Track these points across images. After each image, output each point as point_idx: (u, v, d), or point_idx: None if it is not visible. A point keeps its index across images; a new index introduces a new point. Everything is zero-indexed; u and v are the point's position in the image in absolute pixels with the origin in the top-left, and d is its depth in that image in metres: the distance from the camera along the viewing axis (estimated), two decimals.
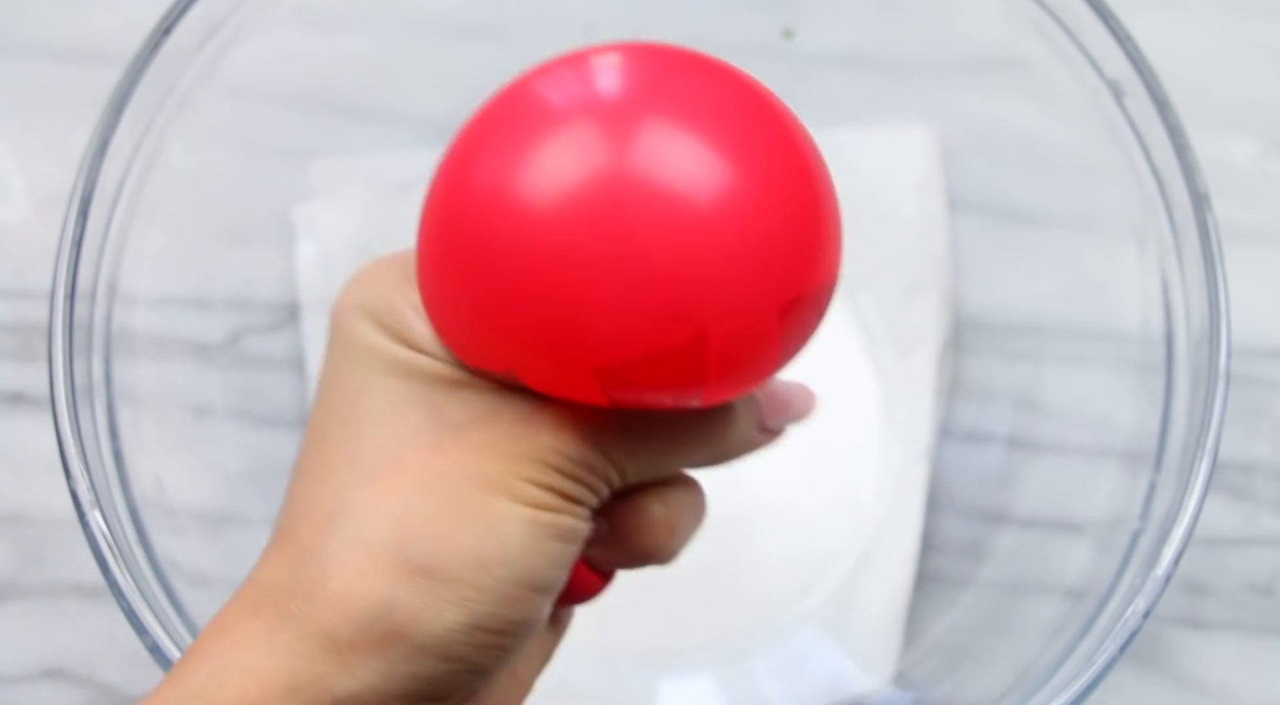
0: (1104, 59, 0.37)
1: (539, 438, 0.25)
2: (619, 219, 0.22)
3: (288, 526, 0.26)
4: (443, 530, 0.24)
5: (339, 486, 0.25)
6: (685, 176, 0.22)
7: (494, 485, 0.24)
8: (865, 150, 0.47)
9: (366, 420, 0.25)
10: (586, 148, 0.22)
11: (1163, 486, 0.35)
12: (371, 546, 0.24)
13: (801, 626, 0.44)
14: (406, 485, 0.24)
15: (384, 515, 0.24)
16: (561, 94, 0.23)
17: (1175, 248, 0.36)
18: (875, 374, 0.46)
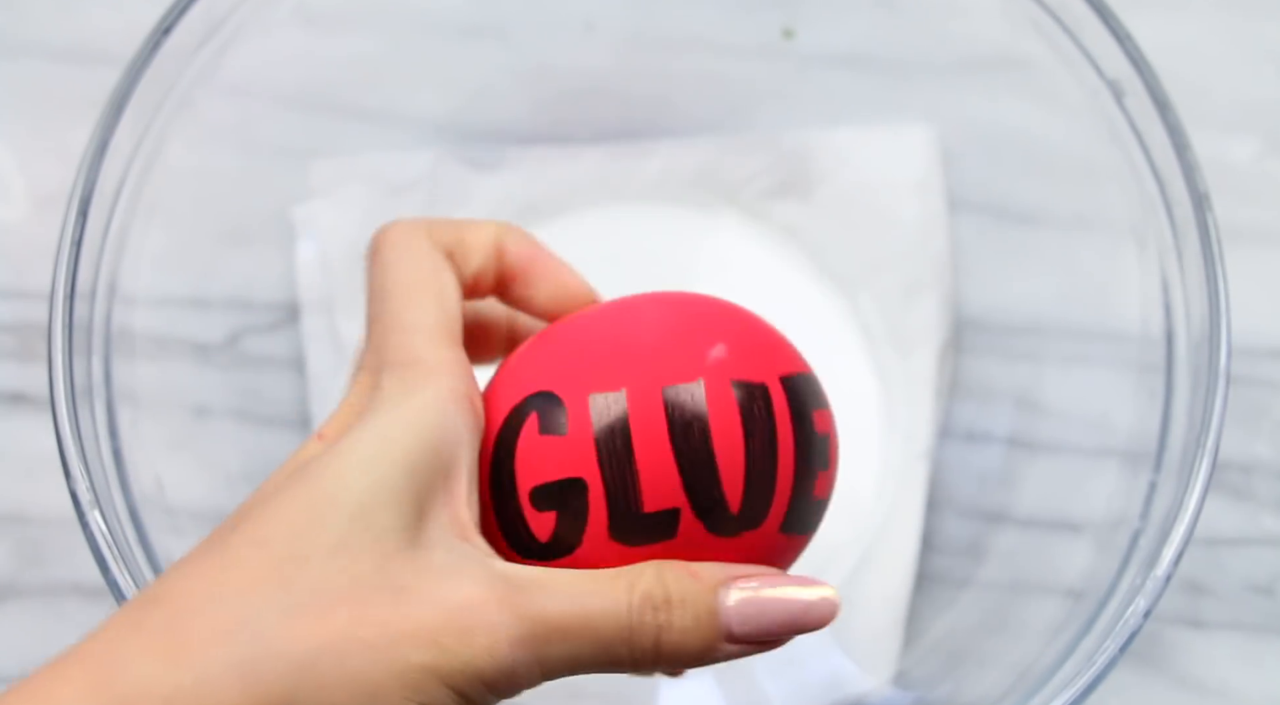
0: (1104, 58, 0.37)
1: (474, 652, 0.22)
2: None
3: (172, 611, 0.23)
4: (333, 700, 0.22)
5: (256, 599, 0.22)
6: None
7: (407, 683, 0.22)
8: (865, 150, 0.47)
9: (335, 510, 0.23)
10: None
11: (1163, 486, 0.35)
12: (253, 683, 0.21)
13: None
14: (320, 641, 0.22)
15: (286, 659, 0.22)
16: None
17: (1175, 247, 0.36)
18: (875, 374, 0.46)
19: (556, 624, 0.23)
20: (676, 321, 0.27)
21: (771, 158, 0.48)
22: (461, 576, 0.23)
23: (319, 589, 0.22)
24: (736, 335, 0.27)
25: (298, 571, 0.22)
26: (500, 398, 0.26)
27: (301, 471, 0.24)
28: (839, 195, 0.47)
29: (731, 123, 0.48)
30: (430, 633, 0.22)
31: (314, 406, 0.45)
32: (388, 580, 0.22)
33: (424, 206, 0.47)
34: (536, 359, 0.27)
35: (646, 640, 0.24)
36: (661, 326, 0.27)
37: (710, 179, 0.48)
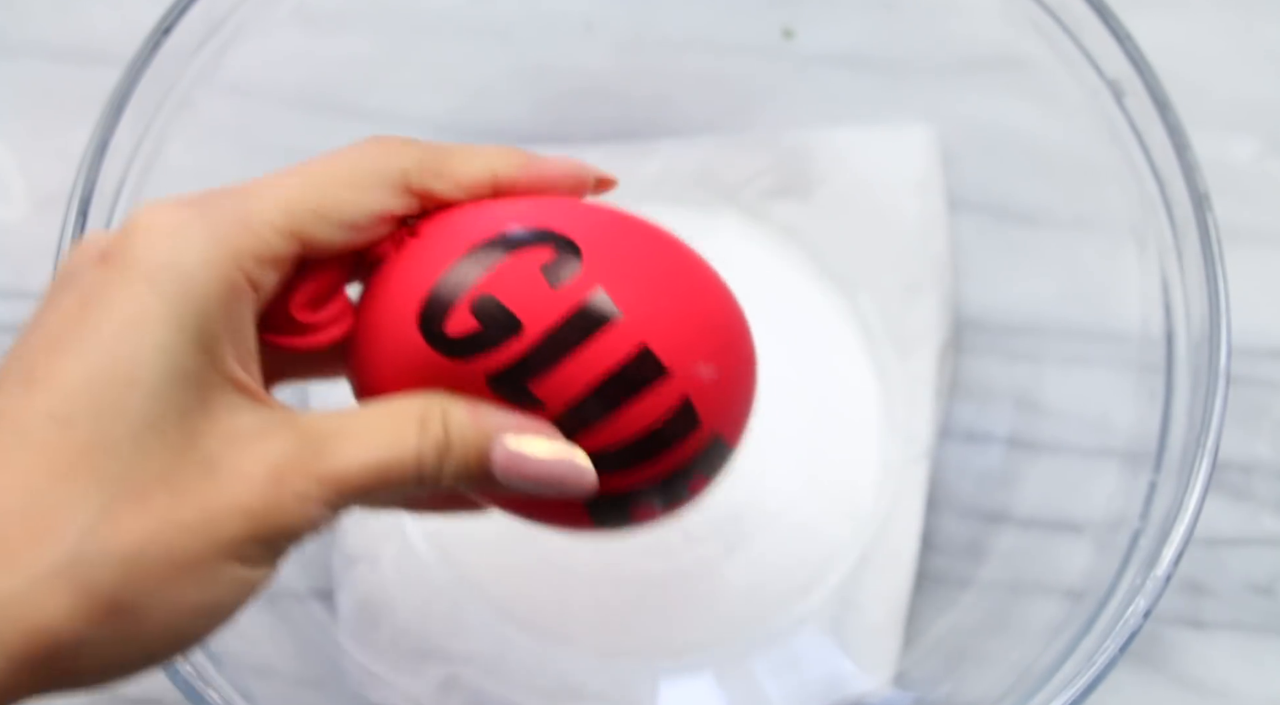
0: (1104, 58, 0.37)
1: (285, 518, 0.24)
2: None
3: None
4: (165, 588, 0.22)
5: (72, 492, 0.22)
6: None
7: (229, 553, 0.23)
8: (865, 150, 0.47)
9: (135, 391, 0.23)
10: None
11: (1163, 486, 0.35)
12: (83, 584, 0.22)
13: (801, 627, 0.44)
14: (143, 532, 0.22)
15: (112, 557, 0.22)
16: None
17: (1175, 247, 0.36)
18: (875, 374, 0.46)
19: (355, 482, 0.24)
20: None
21: (771, 158, 0.48)
22: (267, 441, 0.24)
23: (133, 477, 0.22)
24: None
25: (109, 459, 0.22)
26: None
27: (88, 334, 0.23)
28: (839, 195, 0.47)
29: (731, 123, 0.48)
30: (245, 506, 0.23)
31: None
32: (197, 455, 0.23)
33: None
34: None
35: (429, 477, 0.25)
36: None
37: (710, 179, 0.48)
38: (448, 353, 0.26)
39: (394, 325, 0.26)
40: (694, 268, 0.28)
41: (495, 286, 0.25)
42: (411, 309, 0.26)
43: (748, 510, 0.44)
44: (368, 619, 0.43)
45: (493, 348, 0.25)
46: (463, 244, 0.26)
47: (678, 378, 0.26)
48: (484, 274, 0.25)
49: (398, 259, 0.27)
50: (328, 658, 0.42)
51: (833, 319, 0.47)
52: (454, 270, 0.26)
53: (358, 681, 0.42)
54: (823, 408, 0.46)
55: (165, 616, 0.23)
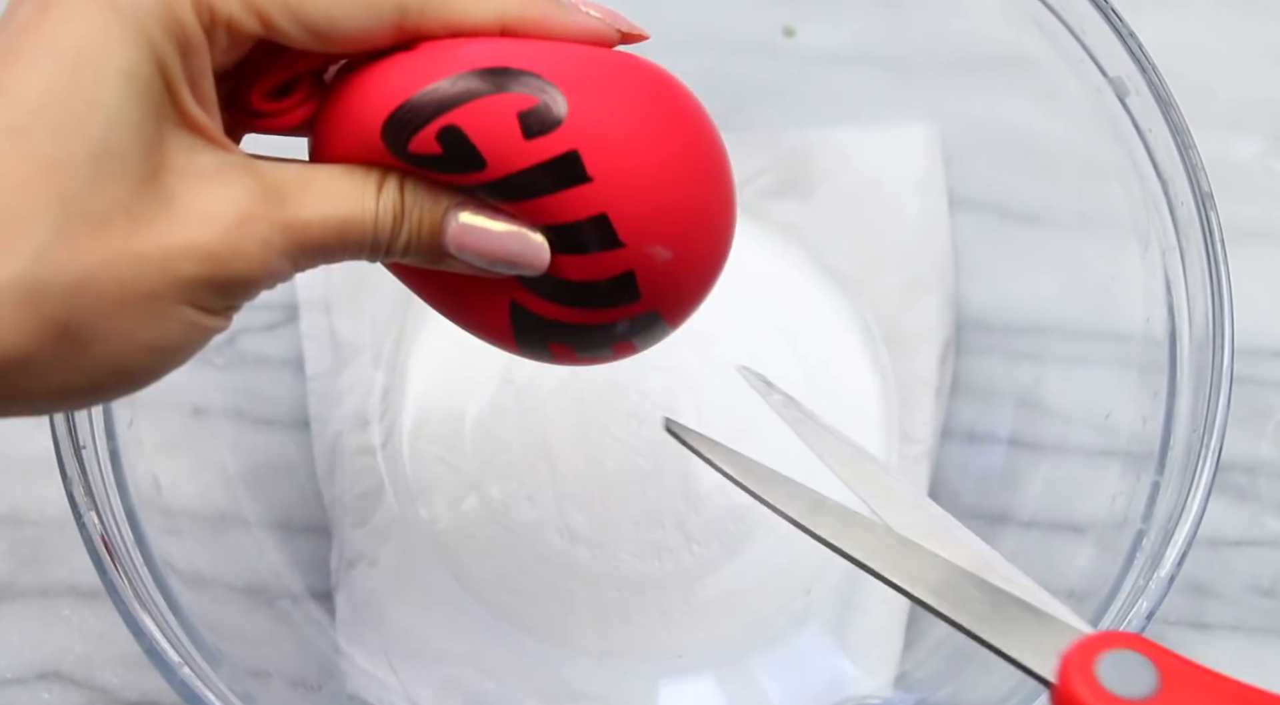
0: (1107, 57, 0.37)
1: (244, 264, 0.23)
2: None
3: None
4: (115, 319, 0.22)
5: (30, 206, 0.21)
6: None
7: (183, 293, 0.23)
8: (866, 149, 0.47)
9: (97, 112, 0.22)
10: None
11: (1166, 487, 0.35)
12: (33, 304, 0.21)
13: (802, 627, 0.44)
14: (98, 257, 0.22)
15: (65, 278, 0.22)
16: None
17: (1178, 247, 0.36)
18: (876, 374, 0.46)
19: (315, 236, 0.24)
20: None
21: (772, 156, 0.47)
22: (229, 183, 0.23)
23: (91, 201, 0.22)
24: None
25: (67, 179, 0.22)
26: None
27: (46, 45, 0.22)
28: (840, 194, 0.47)
29: (732, 121, 0.47)
30: (205, 248, 0.23)
31: (312, 406, 0.45)
32: (157, 190, 0.23)
33: None
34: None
35: (383, 242, 0.26)
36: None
37: None
38: (406, 162, 0.25)
39: (360, 127, 0.25)
40: (692, 136, 0.27)
41: (467, 120, 0.25)
42: (380, 113, 0.25)
43: (748, 511, 0.44)
44: (366, 620, 0.43)
45: (450, 173, 0.25)
46: (450, 66, 0.25)
47: (629, 252, 0.26)
48: (460, 103, 0.25)
49: (381, 60, 0.25)
50: (326, 659, 0.42)
51: (833, 318, 0.47)
52: (432, 89, 0.25)
53: (356, 683, 0.42)
54: (822, 409, 0.46)
55: (113, 348, 0.23)
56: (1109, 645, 0.25)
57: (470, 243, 0.26)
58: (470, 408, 0.45)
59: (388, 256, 0.26)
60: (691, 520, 0.44)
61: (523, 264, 0.26)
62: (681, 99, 0.27)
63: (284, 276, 0.25)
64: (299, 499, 0.44)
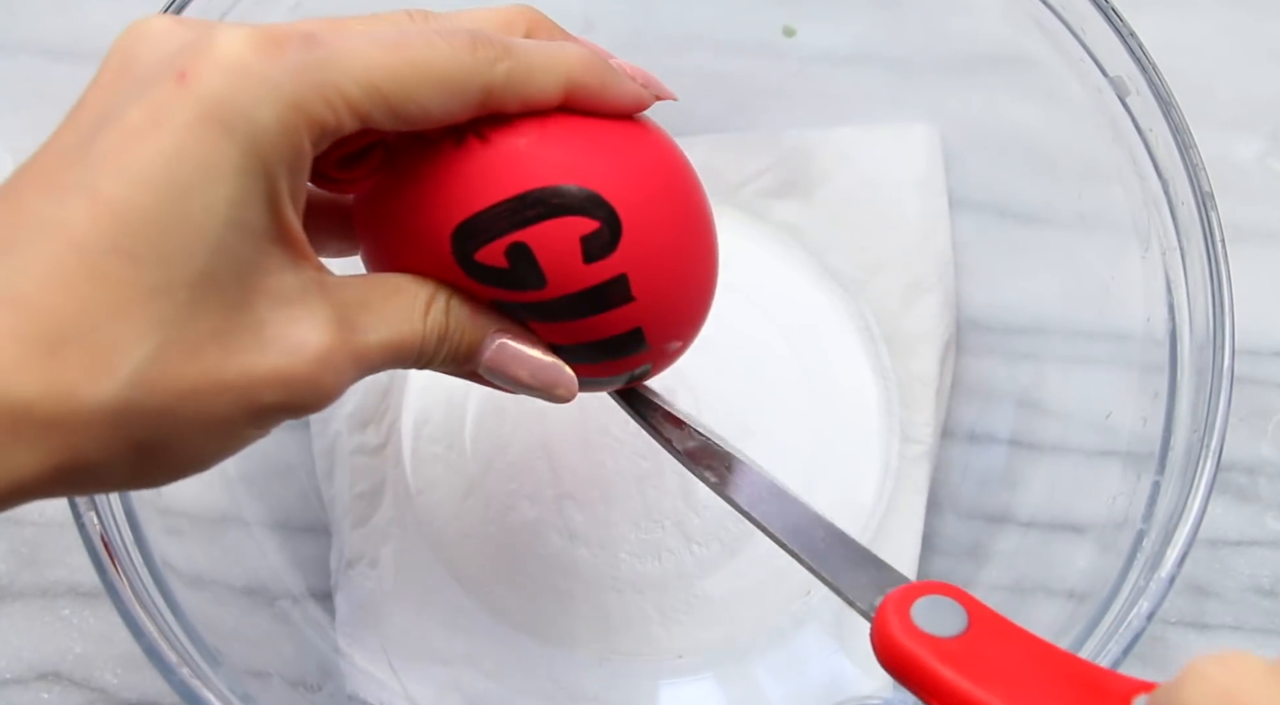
0: (1107, 57, 0.37)
1: (318, 397, 0.25)
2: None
3: (45, 326, 0.22)
4: (190, 440, 0.24)
5: (130, 329, 0.22)
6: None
7: (257, 419, 0.24)
8: (866, 149, 0.47)
9: (203, 241, 0.23)
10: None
11: (1166, 487, 0.35)
12: (122, 429, 0.23)
13: (802, 628, 0.43)
14: (188, 384, 0.23)
15: (154, 403, 0.23)
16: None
17: (1179, 247, 0.36)
18: (876, 374, 0.46)
19: (375, 359, 0.26)
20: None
21: (772, 156, 0.47)
22: (311, 310, 0.25)
23: (187, 328, 0.23)
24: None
25: (169, 305, 0.23)
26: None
27: (159, 165, 0.23)
28: (840, 194, 0.47)
29: (732, 121, 0.47)
30: (287, 380, 0.24)
31: None
32: (248, 316, 0.24)
33: None
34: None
35: (426, 357, 0.28)
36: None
37: (711, 178, 0.47)
38: (468, 272, 0.27)
39: (427, 225, 0.27)
40: (703, 223, 0.30)
41: (536, 240, 0.26)
42: (449, 220, 0.26)
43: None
44: (366, 620, 0.43)
45: (512, 288, 0.27)
46: (521, 180, 0.26)
47: (653, 352, 0.29)
48: (532, 223, 0.26)
49: (454, 154, 0.26)
50: (326, 659, 0.42)
51: (833, 318, 0.47)
52: (503, 206, 0.26)
53: (356, 683, 0.42)
54: (822, 409, 0.46)
55: (177, 461, 0.24)
56: (927, 592, 0.28)
57: (504, 368, 0.29)
58: (470, 408, 0.45)
59: (422, 367, 0.28)
60: (691, 521, 0.44)
61: (551, 395, 0.29)
62: (689, 178, 0.29)
63: (341, 394, 0.26)
64: (299, 499, 0.44)
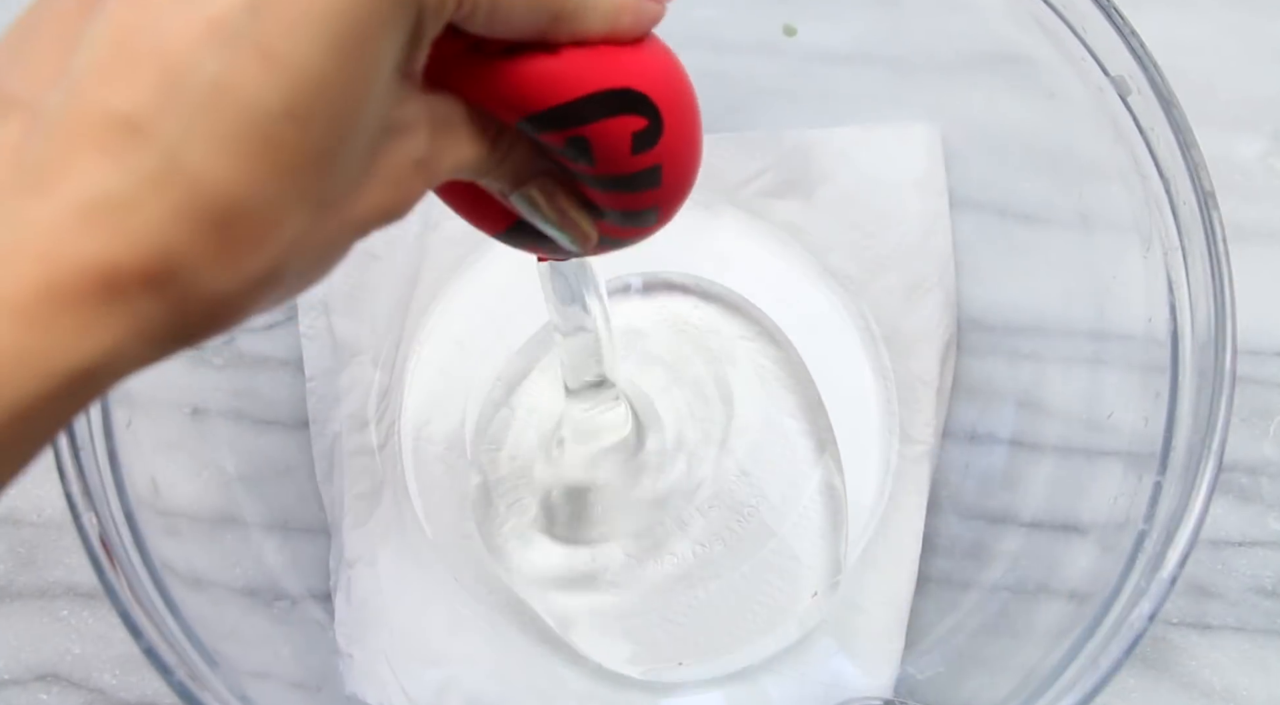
0: (1108, 56, 0.37)
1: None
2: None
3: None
4: (313, 272, 0.24)
5: (291, 199, 0.22)
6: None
7: (359, 240, 0.24)
8: (867, 148, 0.47)
9: (367, 95, 0.22)
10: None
11: (1168, 488, 0.35)
12: (281, 293, 0.22)
13: (803, 629, 0.43)
14: (331, 235, 0.23)
15: (299, 263, 0.23)
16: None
17: (1180, 247, 0.36)
18: (876, 374, 0.46)
19: (447, 173, 0.26)
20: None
21: (773, 156, 0.47)
22: (416, 136, 0.25)
23: (340, 184, 0.22)
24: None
25: (330, 167, 0.22)
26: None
27: (326, 19, 0.21)
28: (840, 194, 0.47)
29: (732, 121, 0.47)
30: (388, 208, 0.24)
31: (311, 407, 0.45)
32: (373, 155, 0.24)
33: (423, 205, 0.47)
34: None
35: (486, 175, 0.28)
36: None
37: (711, 177, 0.48)
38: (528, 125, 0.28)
39: (497, 104, 0.27)
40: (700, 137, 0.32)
41: (594, 134, 0.28)
42: (519, 109, 0.27)
43: (751, 513, 0.44)
44: (366, 620, 0.43)
45: (561, 157, 0.28)
46: (587, 81, 0.27)
47: (657, 224, 0.32)
48: (592, 122, 0.28)
49: (530, 59, 0.27)
50: (325, 660, 0.42)
51: (834, 318, 0.47)
52: (572, 105, 0.27)
53: (356, 683, 0.42)
54: (824, 408, 0.46)
55: (297, 291, 0.24)
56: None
57: (544, 201, 0.29)
58: (469, 407, 0.45)
59: (478, 178, 0.28)
60: (694, 521, 0.44)
61: (572, 237, 0.30)
62: (688, 79, 0.32)
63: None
64: (298, 499, 0.44)
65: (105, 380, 0.21)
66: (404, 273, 0.47)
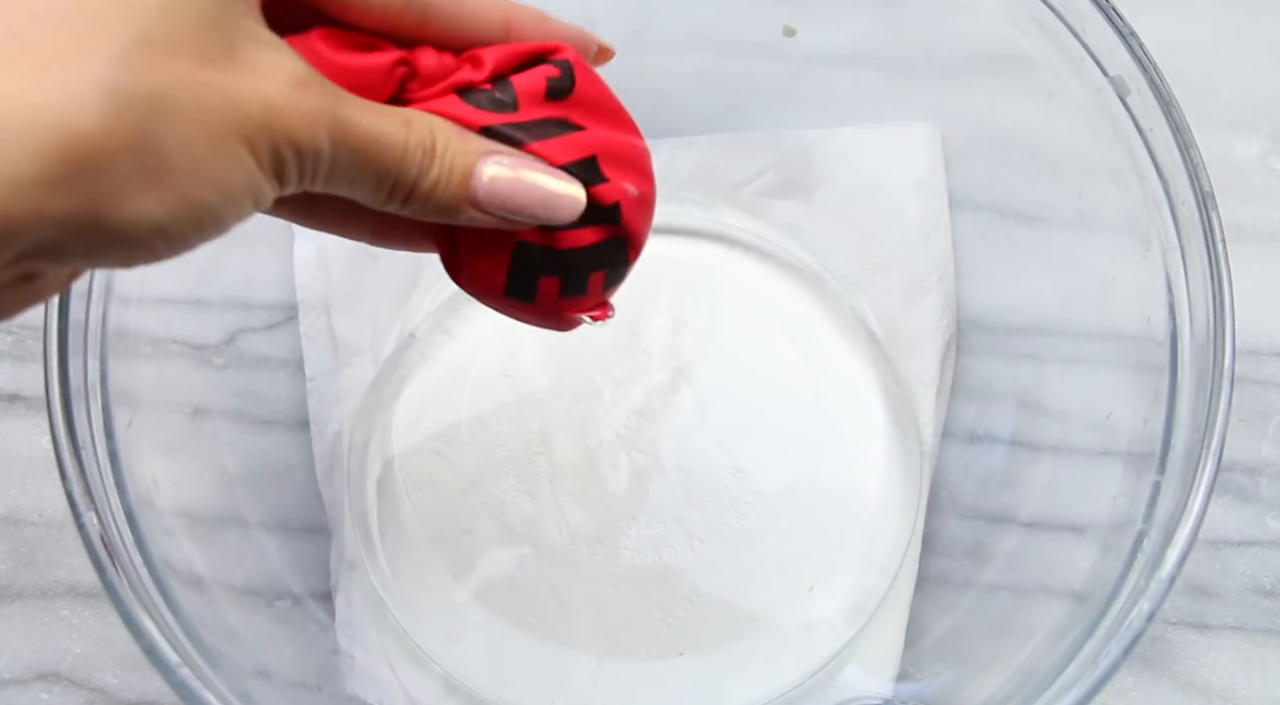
0: (1107, 56, 0.37)
1: (298, 120, 0.24)
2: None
3: (11, 19, 0.22)
4: (187, 143, 0.22)
5: (104, 24, 0.22)
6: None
7: (245, 135, 0.23)
8: (867, 149, 0.47)
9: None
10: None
11: (1167, 488, 0.35)
12: (116, 98, 0.21)
13: (803, 625, 0.43)
14: (174, 77, 0.22)
15: (144, 87, 0.22)
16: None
17: (1179, 247, 0.36)
18: (876, 374, 0.46)
19: (354, 137, 0.25)
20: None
21: (773, 156, 0.47)
22: (289, 56, 0.24)
23: (164, 29, 0.22)
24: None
25: (139, 7, 0.22)
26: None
27: None
28: (840, 194, 0.47)
29: (732, 121, 0.47)
30: (266, 96, 0.23)
31: (312, 406, 0.45)
32: (225, 41, 0.23)
33: None
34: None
35: (409, 178, 0.26)
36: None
37: (711, 178, 0.48)
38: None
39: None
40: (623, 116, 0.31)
41: (516, 78, 0.28)
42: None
43: (749, 509, 0.44)
44: (366, 620, 0.43)
45: (485, 107, 0.27)
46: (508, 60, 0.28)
47: (612, 186, 0.30)
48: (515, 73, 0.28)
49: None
50: (326, 660, 0.42)
51: (834, 319, 0.47)
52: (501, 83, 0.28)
53: (356, 683, 0.42)
54: (824, 408, 0.46)
55: (185, 177, 0.23)
56: None
57: (501, 189, 0.27)
58: (467, 404, 0.45)
59: (412, 197, 0.26)
60: (692, 516, 0.44)
61: (559, 208, 0.27)
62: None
63: (314, 172, 0.25)
64: (299, 499, 0.44)
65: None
66: (403, 273, 0.47)
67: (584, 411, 0.45)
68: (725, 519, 0.44)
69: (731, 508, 0.44)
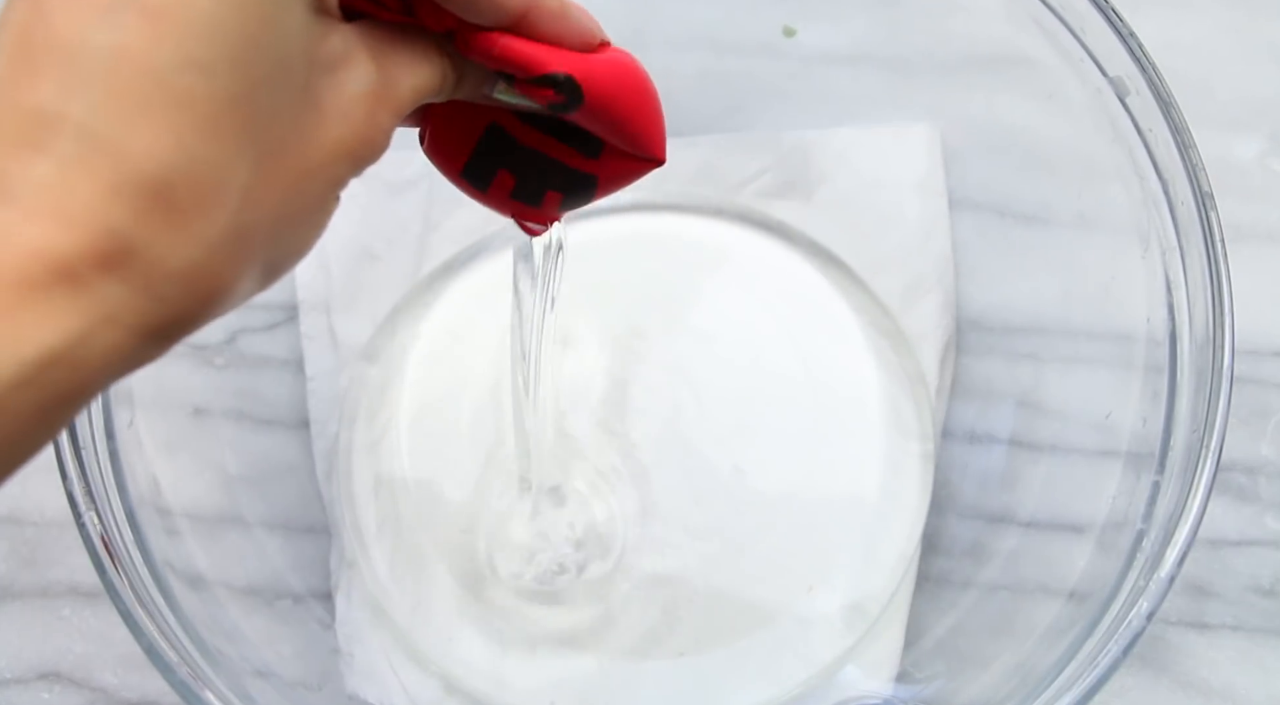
0: (1107, 57, 0.37)
1: (374, 154, 0.25)
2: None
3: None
4: (300, 236, 0.23)
5: (226, 152, 0.21)
6: None
7: (338, 187, 0.24)
8: (867, 149, 0.47)
9: (270, 31, 0.22)
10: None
11: (1166, 488, 0.35)
12: (246, 253, 0.22)
13: (804, 625, 0.43)
14: (289, 185, 0.23)
15: (265, 218, 0.22)
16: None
17: (1179, 247, 0.36)
18: (876, 374, 0.46)
19: (409, 102, 0.25)
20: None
21: (773, 157, 0.47)
22: (352, 70, 0.24)
23: (272, 129, 0.22)
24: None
25: (253, 111, 0.21)
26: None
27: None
28: (840, 194, 0.47)
29: (732, 121, 0.47)
30: (349, 147, 0.24)
31: (312, 407, 0.45)
32: (309, 95, 0.23)
33: (423, 205, 0.47)
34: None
35: (455, 88, 0.27)
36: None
37: (711, 178, 0.48)
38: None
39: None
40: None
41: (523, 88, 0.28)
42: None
43: (750, 509, 0.44)
44: (366, 620, 0.43)
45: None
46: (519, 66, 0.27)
47: (585, 108, 0.29)
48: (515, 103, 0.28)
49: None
50: (326, 659, 0.42)
51: (834, 319, 0.47)
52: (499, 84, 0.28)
53: (356, 683, 0.42)
54: (824, 408, 0.46)
55: (295, 255, 0.24)
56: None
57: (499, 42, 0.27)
58: (466, 403, 0.45)
59: (448, 97, 0.27)
60: (693, 517, 0.44)
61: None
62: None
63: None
64: (299, 499, 0.44)
65: (87, 372, 0.20)
66: (404, 273, 0.47)
67: (584, 411, 0.45)
68: (725, 519, 0.44)
69: (731, 508, 0.44)
